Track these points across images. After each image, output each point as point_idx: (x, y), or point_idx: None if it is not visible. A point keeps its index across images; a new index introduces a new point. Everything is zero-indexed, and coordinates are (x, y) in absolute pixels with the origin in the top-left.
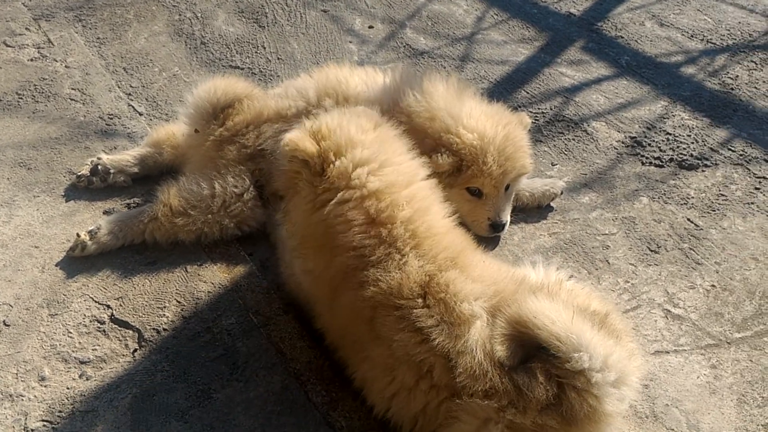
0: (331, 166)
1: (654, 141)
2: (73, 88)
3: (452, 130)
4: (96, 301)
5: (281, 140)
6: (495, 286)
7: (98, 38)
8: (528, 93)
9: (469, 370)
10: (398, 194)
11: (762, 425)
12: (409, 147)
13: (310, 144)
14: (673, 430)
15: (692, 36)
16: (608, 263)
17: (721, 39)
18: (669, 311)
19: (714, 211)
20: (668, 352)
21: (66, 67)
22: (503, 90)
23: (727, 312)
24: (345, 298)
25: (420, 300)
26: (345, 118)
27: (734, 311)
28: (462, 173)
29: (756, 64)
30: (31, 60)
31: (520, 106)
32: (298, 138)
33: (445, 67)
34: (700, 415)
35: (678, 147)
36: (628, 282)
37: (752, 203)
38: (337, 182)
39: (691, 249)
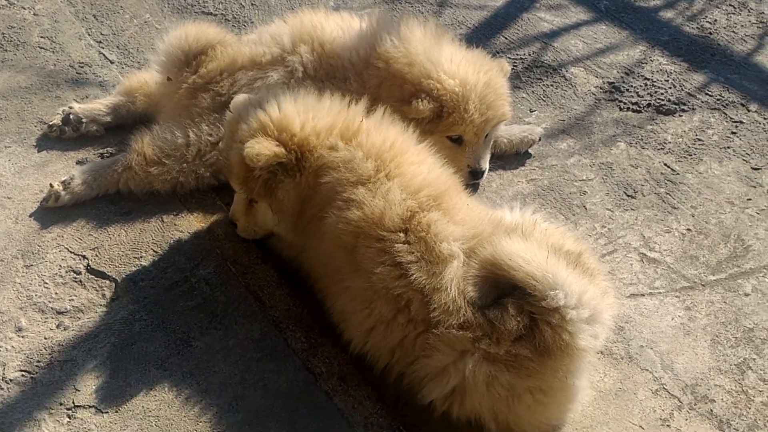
0: (309, 153)
1: (632, 86)
2: (42, 36)
3: (433, 76)
4: (71, 252)
5: (243, 151)
6: (474, 230)
7: None
8: (506, 38)
9: (444, 306)
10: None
11: (735, 365)
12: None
13: (274, 147)
14: (647, 370)
15: None
16: (585, 208)
17: None
18: (645, 255)
19: (690, 155)
20: (643, 295)
21: (34, 14)
22: (481, 35)
23: (702, 255)
24: (329, 220)
25: (402, 234)
26: (276, 106)
27: (709, 254)
28: (442, 120)
29: (734, 8)
30: None
31: (498, 52)
32: (261, 147)
33: (422, 13)
34: (675, 355)
35: (656, 92)
36: (605, 227)
37: (728, 147)
38: (319, 160)
39: (667, 193)
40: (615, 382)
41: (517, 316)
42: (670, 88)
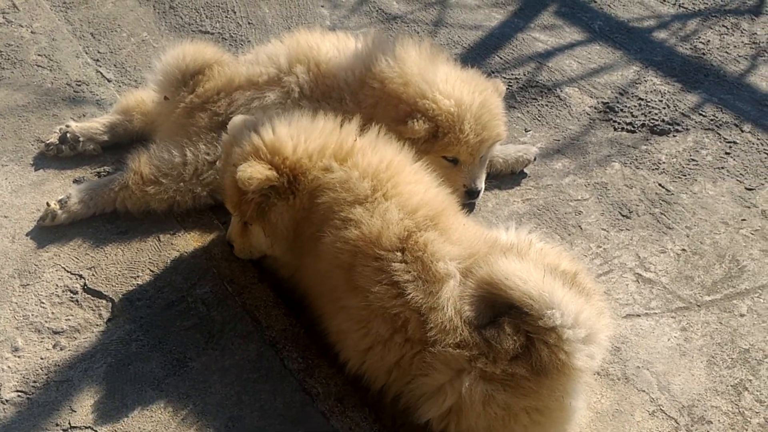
0: (302, 175)
1: (626, 106)
2: (39, 54)
3: (428, 96)
4: (68, 271)
5: (236, 175)
6: (470, 249)
7: (64, 2)
8: (501, 58)
9: (440, 325)
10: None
11: (731, 386)
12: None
13: (266, 170)
14: (644, 391)
15: (664, 0)
16: (581, 228)
17: (693, 3)
18: (640, 275)
19: (685, 176)
20: (639, 316)
21: (32, 32)
22: (476, 55)
23: (698, 275)
24: (327, 239)
25: (399, 254)
26: (270, 129)
27: (704, 275)
28: (438, 140)
29: (727, 28)
30: None
31: (493, 72)
32: (254, 171)
33: (418, 33)
34: (671, 376)
35: (650, 112)
36: (600, 247)
37: (722, 168)
38: (313, 182)
39: (662, 214)
40: (612, 403)
41: (514, 335)
42: (664, 108)
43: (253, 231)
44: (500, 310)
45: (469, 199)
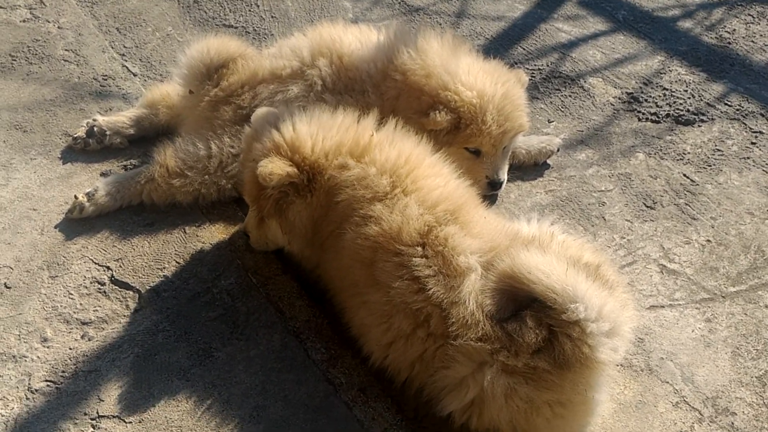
0: (319, 175)
1: (651, 97)
2: (66, 49)
3: (450, 87)
4: (96, 263)
5: (257, 170)
6: (491, 243)
7: None
8: (524, 49)
9: (462, 319)
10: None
11: (756, 377)
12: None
13: (287, 166)
14: (668, 382)
15: None
16: (604, 219)
17: None
18: (664, 266)
19: (710, 166)
20: (663, 307)
21: (59, 27)
22: (499, 46)
23: (722, 266)
24: (347, 236)
25: (419, 249)
26: (291, 126)
27: (729, 266)
28: (460, 131)
29: (753, 17)
30: (24, 21)
31: (516, 63)
32: (274, 167)
33: (440, 24)
34: (695, 368)
35: (675, 102)
36: (624, 238)
37: (748, 158)
38: (330, 181)
39: (686, 204)
40: (635, 395)
41: (536, 328)
42: (689, 98)
43: (270, 225)
44: (522, 304)
45: (491, 191)
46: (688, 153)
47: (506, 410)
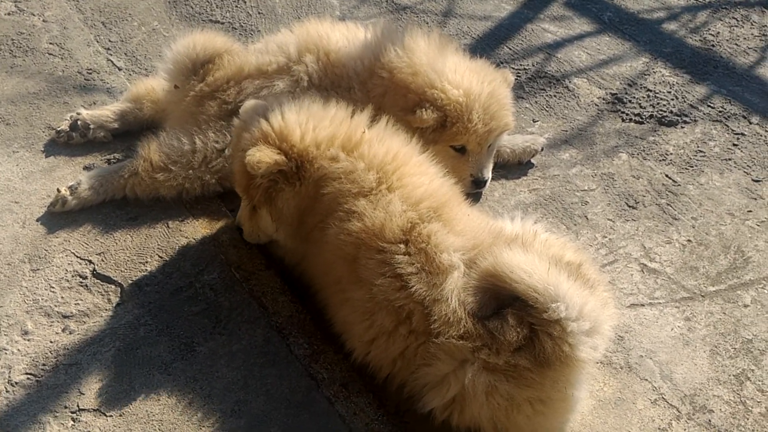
0: (308, 163)
1: (634, 98)
2: (51, 43)
3: (437, 85)
4: (78, 256)
5: (245, 159)
6: (474, 240)
7: None
8: (510, 49)
9: (444, 317)
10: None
11: (733, 375)
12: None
13: (275, 154)
14: (647, 380)
15: None
16: (587, 219)
17: None
18: (645, 265)
19: (692, 167)
20: (643, 305)
21: (43, 21)
22: (486, 46)
23: (702, 266)
24: (331, 231)
25: (402, 246)
26: (280, 115)
27: (709, 265)
28: (446, 129)
29: (737, 20)
30: (8, 14)
31: (502, 63)
32: (262, 155)
33: (427, 23)
34: (674, 365)
35: (658, 104)
36: (606, 237)
37: (730, 159)
38: (319, 171)
39: (668, 204)
40: (614, 392)
41: (517, 326)
42: (672, 99)
43: (261, 215)
44: (504, 302)
45: (476, 189)
46: (671, 154)
47: (487, 407)
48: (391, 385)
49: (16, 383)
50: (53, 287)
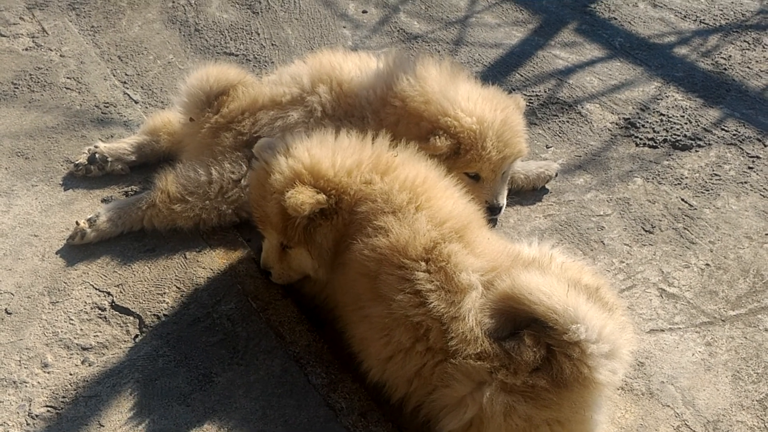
0: (344, 194)
1: (648, 122)
2: (68, 77)
3: (450, 113)
4: (96, 288)
5: (284, 202)
6: (493, 262)
7: (92, 26)
8: (522, 76)
9: (461, 335)
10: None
11: (756, 400)
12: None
13: (316, 194)
14: (669, 406)
15: (685, 17)
16: (603, 244)
17: (714, 19)
18: (664, 290)
19: (708, 190)
20: (663, 331)
21: (61, 56)
22: (497, 73)
23: (722, 290)
24: (356, 247)
25: (423, 263)
26: (305, 152)
27: (728, 289)
28: (460, 157)
29: (748, 44)
30: (26, 49)
31: (514, 89)
32: (304, 197)
33: (438, 51)
34: (696, 391)
35: (671, 128)
36: (623, 262)
37: (745, 182)
38: (355, 196)
39: (685, 228)
40: (636, 418)
41: (534, 347)
42: (685, 123)
43: (294, 254)
44: (520, 324)
45: (490, 216)
46: (686, 178)
47: (505, 429)
48: (407, 407)
49: (37, 416)
50: (72, 319)
